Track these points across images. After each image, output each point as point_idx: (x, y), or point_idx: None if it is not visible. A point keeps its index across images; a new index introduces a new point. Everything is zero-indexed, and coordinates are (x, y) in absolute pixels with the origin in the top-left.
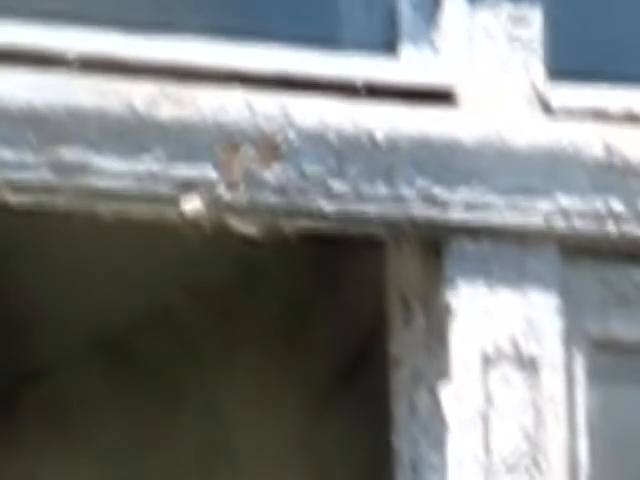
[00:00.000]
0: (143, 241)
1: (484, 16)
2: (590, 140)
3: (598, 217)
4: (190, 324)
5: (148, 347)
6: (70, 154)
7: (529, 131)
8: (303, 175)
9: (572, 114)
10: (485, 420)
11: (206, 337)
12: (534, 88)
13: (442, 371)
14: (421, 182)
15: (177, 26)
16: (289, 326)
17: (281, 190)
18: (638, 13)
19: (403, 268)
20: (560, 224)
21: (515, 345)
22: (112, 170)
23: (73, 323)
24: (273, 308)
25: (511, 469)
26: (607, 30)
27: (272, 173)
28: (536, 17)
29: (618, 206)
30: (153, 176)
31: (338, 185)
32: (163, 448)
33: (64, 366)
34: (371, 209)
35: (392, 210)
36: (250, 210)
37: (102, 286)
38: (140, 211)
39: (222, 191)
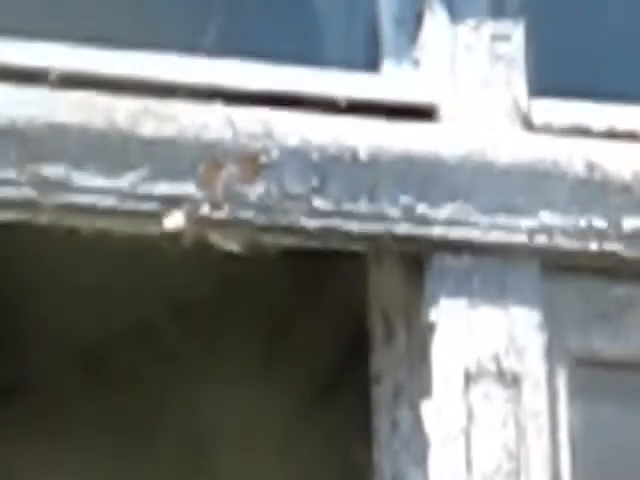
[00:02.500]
0: (125, 256)
1: (466, 33)
2: (572, 157)
3: (580, 233)
4: (172, 338)
5: (130, 360)
6: (52, 171)
7: (511, 147)
8: (285, 192)
9: (554, 131)
10: (467, 436)
11: (187, 351)
12: (516, 105)
13: (423, 387)
14: (403, 198)
15: (159, 43)
16: (270, 340)
17: (263, 207)
18: (620, 30)
19: (385, 284)
20: (542, 240)
21: (497, 361)
22: (94, 187)
23: (55, 336)
24: (254, 322)
25: None
26: (589, 47)
27: (254, 190)
28: (518, 34)
29: (599, 222)
30: (135, 193)
31: (320, 202)
32: (145, 460)
33: (46, 379)
34: (353, 226)
35: (374, 227)
36: (232, 227)
37: (84, 300)
38: (122, 228)
39: (205, 208)
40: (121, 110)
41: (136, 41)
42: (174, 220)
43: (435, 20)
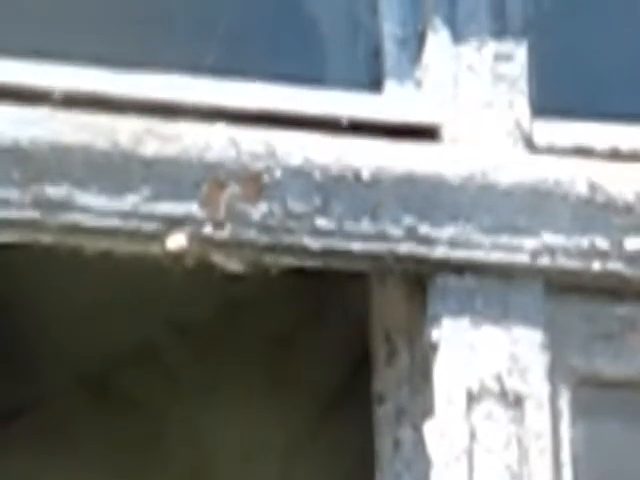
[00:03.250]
0: (127, 276)
1: (468, 53)
2: (574, 177)
3: (582, 254)
4: (174, 359)
5: (132, 381)
6: (55, 191)
7: (513, 168)
8: (288, 212)
9: (556, 151)
10: (469, 456)
11: (190, 372)
12: (518, 125)
13: (426, 407)
14: (406, 219)
15: (162, 63)
16: (273, 361)
17: (266, 227)
18: (622, 51)
19: (387, 304)
20: (544, 261)
21: (500, 381)
22: (97, 207)
23: (58, 358)
24: (257, 343)
25: None
26: (592, 67)
27: (257, 210)
28: (521, 54)
29: (602, 243)
30: (138, 213)
31: (323, 222)
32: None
33: (49, 400)
34: (356, 246)
35: (377, 247)
36: (235, 247)
37: (87, 321)
38: (125, 248)
39: (208, 229)
40: (124, 130)
41: (139, 61)
42: (177, 240)
43: (437, 40)
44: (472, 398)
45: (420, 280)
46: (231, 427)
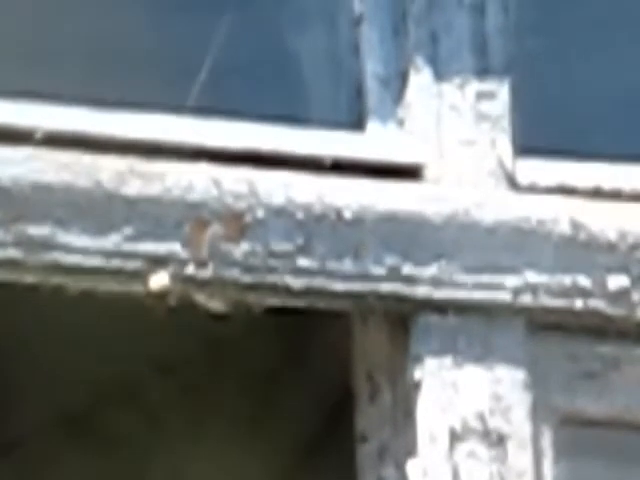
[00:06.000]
0: (109, 315)
1: (451, 92)
2: (557, 216)
3: (565, 292)
4: (156, 397)
5: (114, 419)
6: (36, 230)
7: (496, 207)
8: (270, 252)
9: (539, 190)
10: None
11: (172, 410)
12: (501, 164)
13: (409, 446)
14: (388, 258)
15: (144, 103)
16: (255, 398)
17: (249, 267)
18: (606, 90)
19: (369, 343)
20: (527, 300)
21: (482, 420)
22: (79, 246)
23: (39, 395)
24: (239, 381)
25: None
26: (575, 106)
27: (240, 250)
28: (503, 93)
29: (585, 282)
30: (120, 252)
31: (305, 262)
32: None
33: (30, 438)
34: (338, 285)
35: (359, 286)
36: (218, 286)
37: (69, 359)
38: (107, 287)
39: (190, 268)
40: (106, 170)
41: (121, 101)
42: (159, 279)
43: (420, 79)
44: (455, 437)
45: (402, 319)
46: (214, 464)
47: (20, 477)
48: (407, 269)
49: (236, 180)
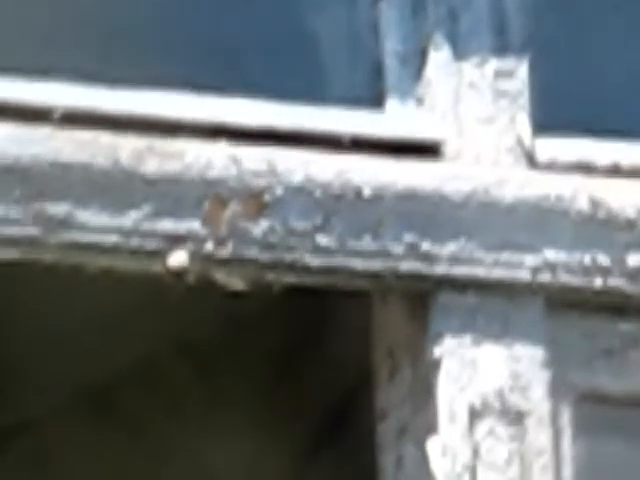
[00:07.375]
0: (128, 294)
1: (470, 70)
2: (576, 194)
3: (584, 271)
4: (174, 377)
5: (132, 399)
6: (55, 209)
7: (515, 185)
8: (289, 229)
9: (558, 168)
10: (472, 473)
11: (190, 389)
12: (520, 142)
13: (429, 424)
14: (407, 236)
15: (163, 80)
16: (274, 378)
17: (267, 245)
18: (624, 67)
19: (389, 321)
20: (546, 278)
21: (501, 398)
22: (98, 225)
23: (58, 375)
24: (258, 360)
25: None
26: (593, 84)
27: (259, 228)
28: (522, 71)
29: (604, 260)
30: (139, 231)
31: (324, 240)
32: None
33: (48, 418)
34: (357, 263)
35: (378, 264)
36: (236, 265)
37: (87, 339)
38: (126, 266)
39: (209, 246)
40: (124, 148)
41: (140, 79)
42: (178, 258)
43: (439, 57)
44: (474, 415)
45: (422, 297)
46: (232, 444)
47: (36, 457)
48: (426, 247)
49: (255, 158)
